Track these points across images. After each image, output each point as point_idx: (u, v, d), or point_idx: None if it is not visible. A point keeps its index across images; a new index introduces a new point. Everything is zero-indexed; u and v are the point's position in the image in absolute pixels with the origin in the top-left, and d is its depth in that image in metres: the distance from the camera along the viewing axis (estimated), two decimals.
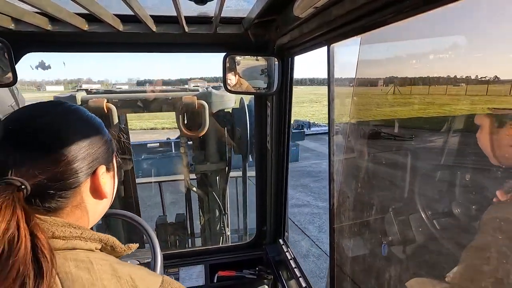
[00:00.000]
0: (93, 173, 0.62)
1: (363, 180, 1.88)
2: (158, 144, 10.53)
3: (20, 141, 0.55)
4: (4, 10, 1.00)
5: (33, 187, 0.53)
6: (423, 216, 1.46)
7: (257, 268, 1.97)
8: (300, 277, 1.66)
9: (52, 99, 2.35)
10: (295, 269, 1.72)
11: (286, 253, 1.88)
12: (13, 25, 1.15)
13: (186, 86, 2.87)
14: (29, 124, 0.57)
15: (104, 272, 0.55)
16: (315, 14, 0.91)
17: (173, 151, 9.87)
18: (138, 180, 2.84)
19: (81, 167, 0.59)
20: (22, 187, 0.52)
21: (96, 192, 0.64)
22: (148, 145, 10.30)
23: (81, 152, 0.59)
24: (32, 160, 0.54)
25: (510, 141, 0.94)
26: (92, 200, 0.64)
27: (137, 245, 0.72)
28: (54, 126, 0.58)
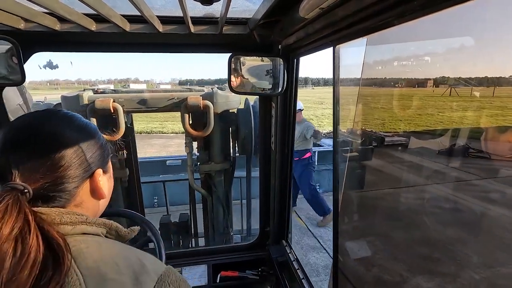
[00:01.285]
0: (91, 176, 0.67)
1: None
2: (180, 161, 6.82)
3: (22, 148, 0.59)
4: (14, 10, 1.02)
5: (35, 191, 0.57)
6: None
7: (260, 269, 1.97)
8: (303, 278, 1.66)
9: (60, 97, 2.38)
10: (298, 270, 1.72)
11: (289, 254, 1.87)
12: (22, 24, 1.17)
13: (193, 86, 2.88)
14: (30, 132, 0.61)
15: (114, 253, 0.60)
16: (321, 15, 0.91)
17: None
18: (142, 179, 2.85)
19: (79, 172, 0.63)
20: (25, 191, 0.55)
21: (95, 193, 0.68)
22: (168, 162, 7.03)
23: (79, 158, 0.63)
24: (33, 166, 0.58)
25: None
26: (92, 200, 0.69)
27: (139, 228, 0.77)
28: (53, 135, 0.62)
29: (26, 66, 1.25)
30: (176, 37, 1.37)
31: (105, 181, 0.71)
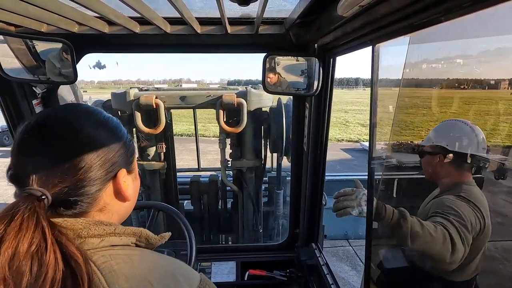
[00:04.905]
0: (114, 177, 0.62)
1: None
2: None
3: (39, 149, 0.55)
4: (70, 15, 1.11)
5: (54, 196, 0.53)
6: None
7: (288, 271, 1.96)
8: (332, 284, 1.62)
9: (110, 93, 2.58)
10: (327, 275, 1.68)
11: (319, 258, 1.84)
12: (76, 28, 1.28)
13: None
14: (47, 130, 0.57)
15: (146, 269, 0.56)
16: (360, 13, 0.87)
17: None
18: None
19: (100, 173, 0.58)
20: (43, 197, 0.51)
21: (119, 195, 0.64)
22: None
23: (100, 159, 0.58)
24: (51, 168, 0.54)
25: None
26: (116, 203, 0.64)
27: (170, 234, 0.74)
28: (71, 132, 0.58)
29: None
30: (213, 38, 1.40)
31: (130, 182, 0.66)
